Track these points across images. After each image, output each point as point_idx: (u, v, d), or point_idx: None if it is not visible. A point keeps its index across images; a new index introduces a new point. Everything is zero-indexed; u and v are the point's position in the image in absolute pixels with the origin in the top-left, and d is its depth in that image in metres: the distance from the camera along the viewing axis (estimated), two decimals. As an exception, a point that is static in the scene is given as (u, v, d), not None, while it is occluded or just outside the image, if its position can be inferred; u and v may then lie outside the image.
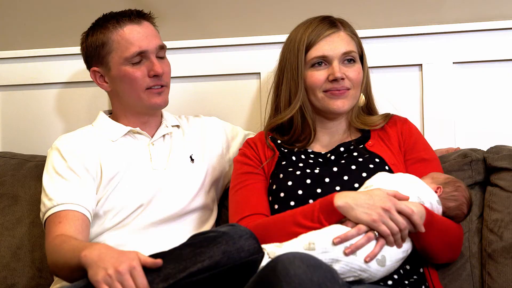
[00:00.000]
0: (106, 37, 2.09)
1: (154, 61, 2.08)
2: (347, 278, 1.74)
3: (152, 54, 2.09)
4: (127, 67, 2.08)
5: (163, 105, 2.13)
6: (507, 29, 2.32)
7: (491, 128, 2.35)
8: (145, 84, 2.09)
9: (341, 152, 2.03)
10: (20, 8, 2.59)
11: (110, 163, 2.07)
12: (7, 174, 2.37)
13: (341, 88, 2.01)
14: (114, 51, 2.09)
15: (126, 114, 2.16)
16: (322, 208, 1.80)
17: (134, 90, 2.09)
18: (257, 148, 2.09)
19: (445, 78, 2.36)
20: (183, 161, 2.16)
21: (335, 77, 1.99)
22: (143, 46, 2.08)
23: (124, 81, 2.09)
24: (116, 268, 1.61)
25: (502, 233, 2.01)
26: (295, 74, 2.01)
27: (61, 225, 1.95)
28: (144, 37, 2.08)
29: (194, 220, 2.13)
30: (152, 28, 2.13)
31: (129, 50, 2.07)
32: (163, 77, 2.10)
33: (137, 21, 2.10)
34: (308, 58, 2.00)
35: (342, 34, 2.03)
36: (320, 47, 2.00)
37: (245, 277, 1.64)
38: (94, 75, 2.15)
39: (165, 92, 2.12)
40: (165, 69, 2.11)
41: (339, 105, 2.02)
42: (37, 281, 2.23)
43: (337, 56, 2.00)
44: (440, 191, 1.90)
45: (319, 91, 2.01)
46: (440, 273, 1.98)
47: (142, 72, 2.08)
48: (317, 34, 2.00)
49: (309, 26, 2.02)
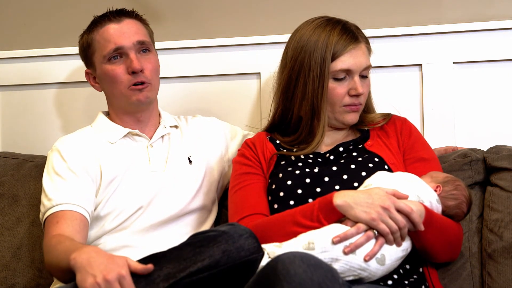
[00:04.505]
0: (90, 38, 2.12)
1: (131, 57, 2.08)
2: (347, 277, 1.74)
3: (130, 50, 2.09)
4: (107, 65, 2.10)
5: (145, 101, 2.11)
6: (507, 29, 2.32)
7: (491, 128, 2.35)
8: (126, 81, 2.09)
9: (340, 152, 2.03)
10: (20, 8, 2.59)
11: (110, 166, 2.08)
12: (7, 174, 2.37)
13: (358, 104, 2.01)
14: (97, 51, 2.11)
15: (118, 113, 2.16)
16: (321, 207, 1.79)
17: (117, 88, 2.10)
18: (255, 148, 2.08)
19: (445, 78, 2.36)
20: (182, 163, 2.16)
21: (357, 92, 1.98)
22: (119, 43, 2.08)
23: (107, 80, 2.11)
24: (105, 277, 1.59)
25: (502, 233, 2.01)
26: (317, 81, 1.97)
27: (59, 225, 1.95)
28: (120, 33, 2.09)
29: (192, 221, 2.13)
30: (134, 24, 2.13)
31: (107, 47, 2.08)
32: (144, 73, 2.09)
33: (116, 20, 2.11)
34: (332, 69, 1.97)
35: (363, 47, 2.01)
36: (346, 60, 1.97)
37: (245, 276, 1.64)
38: (88, 76, 2.19)
39: (147, 89, 2.10)
40: (146, 65, 2.10)
41: (353, 119, 2.03)
42: (37, 281, 2.23)
43: (358, 71, 1.99)
44: (440, 190, 1.90)
45: (338, 105, 2.00)
46: (440, 273, 1.97)
47: (121, 69, 2.09)
48: (343, 45, 1.96)
49: (332, 34, 1.97)
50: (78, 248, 1.72)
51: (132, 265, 1.63)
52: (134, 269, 1.63)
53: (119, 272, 1.60)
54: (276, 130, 2.13)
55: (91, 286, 1.60)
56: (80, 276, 1.64)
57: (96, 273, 1.61)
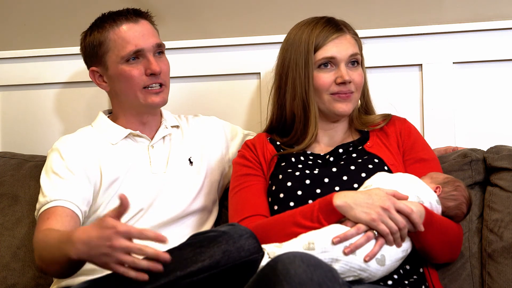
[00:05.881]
0: (103, 37, 2.09)
1: (151, 60, 2.08)
2: (347, 278, 1.74)
3: (149, 52, 2.08)
4: (124, 65, 2.08)
5: (161, 104, 2.12)
6: (507, 29, 2.32)
7: (491, 128, 2.35)
8: (142, 82, 2.08)
9: (340, 153, 2.03)
10: (20, 8, 2.59)
11: (110, 168, 2.07)
12: (7, 174, 2.37)
13: (347, 92, 2.01)
14: (111, 50, 2.08)
15: (126, 114, 2.15)
16: (322, 208, 1.80)
17: (131, 89, 2.09)
18: (256, 149, 2.09)
19: (445, 78, 2.36)
20: (182, 164, 2.15)
21: (343, 80, 1.99)
22: (140, 45, 2.07)
23: (121, 80, 2.09)
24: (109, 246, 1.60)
25: (502, 233, 2.01)
26: (302, 73, 2.00)
27: (49, 221, 1.94)
28: (140, 35, 2.08)
29: (193, 222, 2.13)
30: (150, 26, 2.13)
31: (126, 48, 2.07)
32: (161, 75, 2.09)
33: (134, 20, 2.10)
34: (316, 59, 2.00)
35: (348, 37, 2.03)
36: (329, 49, 2.00)
37: (245, 276, 1.64)
38: (93, 75, 2.15)
39: (164, 92, 2.12)
40: (163, 67, 2.10)
41: (344, 108, 2.02)
42: (37, 281, 2.23)
43: (344, 59, 2.00)
44: (440, 190, 1.90)
45: (325, 94, 2.01)
46: (440, 273, 1.97)
47: (139, 71, 2.08)
48: (325, 36, 2.00)
49: (315, 28, 2.02)
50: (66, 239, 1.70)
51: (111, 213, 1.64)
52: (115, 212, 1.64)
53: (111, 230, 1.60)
54: (276, 131, 2.14)
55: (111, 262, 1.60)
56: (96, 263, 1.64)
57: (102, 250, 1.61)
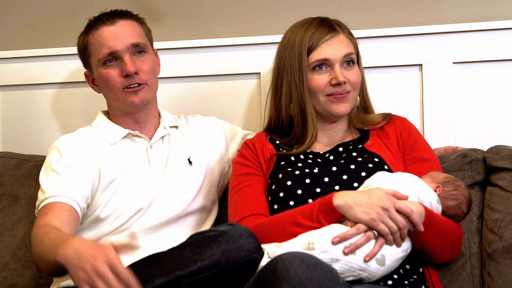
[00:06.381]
0: (85, 41, 2.12)
1: (125, 61, 2.07)
2: (347, 278, 1.74)
3: (124, 53, 2.08)
4: (102, 68, 2.09)
5: (140, 104, 2.11)
6: (507, 29, 2.32)
7: (491, 128, 2.35)
8: (119, 84, 2.08)
9: (340, 152, 2.03)
10: (20, 8, 2.59)
11: (109, 168, 2.08)
12: (7, 174, 2.37)
13: (343, 92, 2.01)
14: (92, 54, 2.11)
15: (118, 115, 2.16)
16: (321, 208, 1.80)
17: (111, 91, 2.10)
18: (255, 149, 2.09)
19: (445, 78, 2.36)
20: (181, 164, 2.15)
21: (338, 81, 1.98)
22: (113, 46, 2.07)
23: (102, 83, 2.11)
24: (93, 265, 1.58)
25: (502, 233, 2.01)
26: (297, 76, 2.00)
27: (47, 216, 1.94)
28: (114, 37, 2.08)
29: (193, 222, 2.13)
30: (128, 25, 2.11)
31: (101, 51, 2.08)
32: (139, 75, 2.08)
33: (110, 22, 2.09)
34: (310, 61, 2.00)
35: (341, 37, 2.03)
36: (322, 50, 1.99)
37: (245, 276, 1.64)
38: (87, 78, 2.19)
39: (143, 91, 2.10)
40: (141, 67, 2.09)
41: (341, 109, 2.02)
42: (37, 281, 2.22)
43: (338, 59, 2.00)
44: (440, 190, 1.90)
45: (321, 95, 2.01)
46: (440, 273, 1.97)
47: (116, 72, 2.08)
48: (318, 37, 2.00)
49: (308, 29, 2.02)
50: (64, 241, 1.70)
51: (116, 244, 1.63)
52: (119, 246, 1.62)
53: (105, 256, 1.58)
54: (275, 132, 2.14)
55: (84, 280, 1.59)
56: (72, 273, 1.62)
57: (85, 265, 1.59)
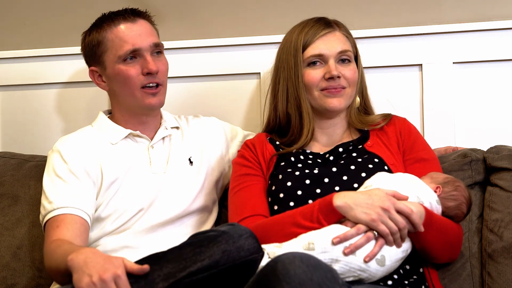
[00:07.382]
0: (101, 36, 2.09)
1: (148, 59, 2.07)
2: (347, 278, 1.74)
3: (146, 52, 2.08)
4: (121, 65, 2.08)
5: (158, 106, 2.12)
6: (507, 29, 2.32)
7: (491, 128, 2.35)
8: (139, 82, 2.08)
9: (340, 152, 2.03)
10: (20, 8, 2.59)
11: (111, 168, 2.07)
12: (7, 174, 2.37)
13: (337, 87, 2.01)
14: (109, 49, 2.09)
15: (124, 114, 2.15)
16: (322, 208, 1.80)
17: (129, 89, 2.09)
18: (255, 149, 2.09)
19: (445, 78, 2.36)
20: (182, 164, 2.15)
21: (331, 75, 1.99)
22: (137, 44, 2.07)
23: (119, 79, 2.09)
24: (101, 276, 1.60)
25: (502, 233, 2.01)
26: (292, 72, 2.02)
27: (59, 229, 1.94)
28: (137, 35, 2.08)
29: (193, 222, 2.13)
30: (148, 25, 2.13)
31: (123, 48, 2.07)
32: (158, 75, 2.09)
33: (131, 19, 2.10)
34: (305, 57, 2.02)
35: (337, 34, 2.04)
36: (317, 46, 2.01)
37: (245, 276, 1.64)
38: (93, 74, 2.16)
39: (160, 92, 2.11)
40: (160, 67, 2.10)
41: (335, 104, 2.02)
42: (37, 281, 2.22)
43: (333, 55, 2.01)
44: (440, 190, 1.90)
45: (315, 90, 2.02)
46: (440, 273, 1.97)
47: (136, 70, 2.08)
48: (313, 33, 2.02)
49: (305, 27, 2.04)
50: (76, 249, 1.73)
51: (129, 265, 1.64)
52: (130, 270, 1.63)
53: (115, 271, 1.61)
54: (274, 131, 2.14)
55: (87, 285, 1.60)
56: (76, 275, 1.64)
57: (92, 273, 1.61)
